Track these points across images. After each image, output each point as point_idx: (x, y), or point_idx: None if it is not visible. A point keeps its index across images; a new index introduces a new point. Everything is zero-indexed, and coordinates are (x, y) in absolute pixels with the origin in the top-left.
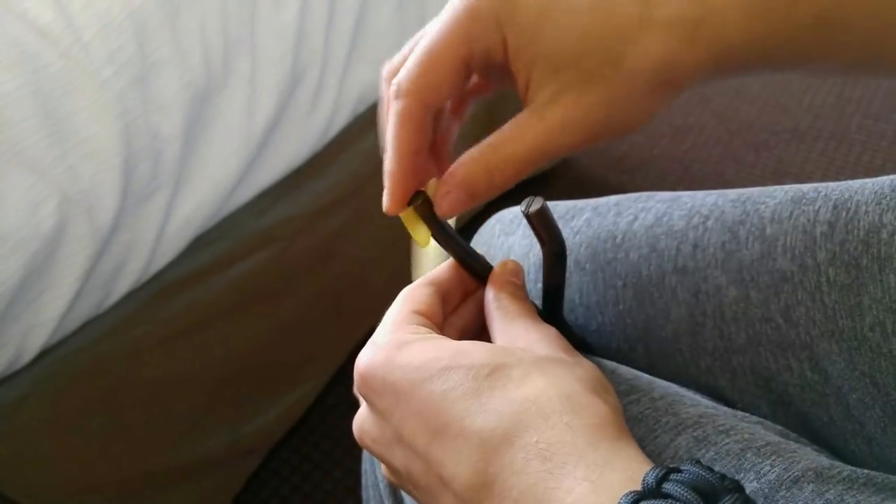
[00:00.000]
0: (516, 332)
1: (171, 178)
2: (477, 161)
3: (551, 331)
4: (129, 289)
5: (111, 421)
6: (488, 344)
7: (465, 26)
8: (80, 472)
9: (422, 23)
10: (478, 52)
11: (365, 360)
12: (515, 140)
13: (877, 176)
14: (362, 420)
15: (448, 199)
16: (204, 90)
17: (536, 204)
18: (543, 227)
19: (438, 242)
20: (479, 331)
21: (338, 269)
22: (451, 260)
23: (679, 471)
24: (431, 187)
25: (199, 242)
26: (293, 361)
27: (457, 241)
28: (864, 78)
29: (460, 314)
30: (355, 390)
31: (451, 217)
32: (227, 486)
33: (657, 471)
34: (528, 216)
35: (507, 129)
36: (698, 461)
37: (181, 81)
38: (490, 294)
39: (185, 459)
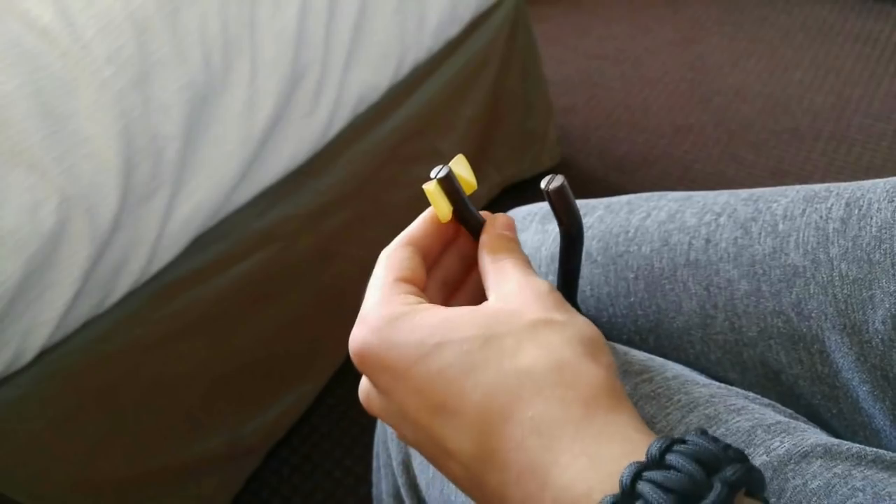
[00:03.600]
0: (510, 290)
1: (171, 178)
2: None
3: (544, 285)
4: (129, 288)
5: (111, 421)
6: (478, 310)
7: None
8: (80, 472)
9: (422, 23)
10: None
11: (359, 340)
12: None
13: (877, 176)
14: (367, 391)
15: None
16: (204, 90)
17: (556, 181)
18: (562, 205)
19: (458, 216)
20: (461, 280)
21: (338, 268)
22: (426, 214)
23: (684, 441)
24: (457, 162)
25: (199, 242)
26: (293, 361)
27: (477, 216)
28: None
29: (442, 265)
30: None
31: None
32: (227, 486)
33: (661, 442)
34: (547, 193)
35: None
36: (705, 432)
37: (181, 81)
38: (484, 247)
39: (185, 459)
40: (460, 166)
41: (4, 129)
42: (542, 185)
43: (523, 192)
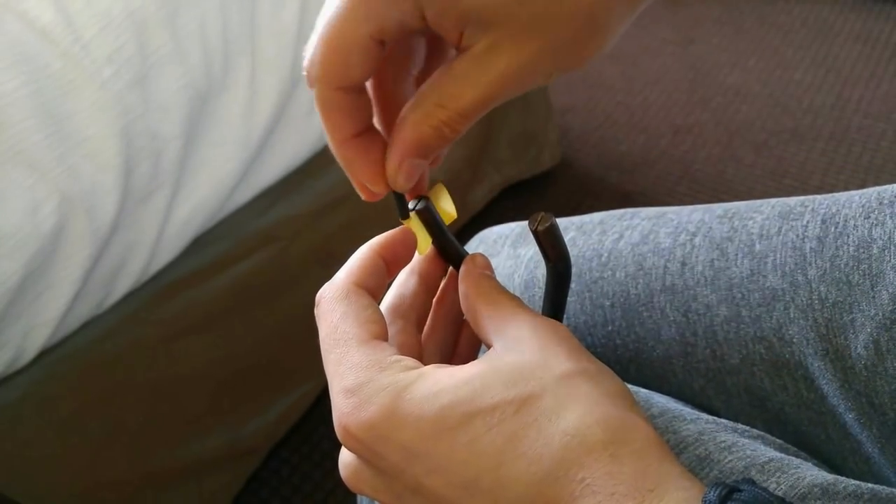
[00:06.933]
0: (522, 335)
1: (171, 178)
2: (424, 121)
3: (561, 327)
4: (129, 289)
5: (111, 421)
6: (496, 367)
7: (364, 3)
8: (80, 473)
9: None
10: (389, 26)
11: (356, 417)
12: (460, 94)
13: (877, 176)
14: (356, 470)
15: (404, 168)
16: (204, 90)
17: (545, 221)
18: (551, 244)
19: (438, 250)
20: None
21: (338, 269)
22: (368, 246)
23: (739, 490)
24: (436, 192)
25: (199, 242)
26: (293, 361)
27: (459, 248)
28: None
29: (412, 306)
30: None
31: (408, 187)
32: (227, 486)
33: (719, 490)
34: (536, 233)
35: (449, 82)
36: (752, 480)
37: (181, 81)
38: (469, 288)
39: (185, 459)
40: (439, 196)
41: (4, 129)
42: (530, 225)
43: (523, 192)
